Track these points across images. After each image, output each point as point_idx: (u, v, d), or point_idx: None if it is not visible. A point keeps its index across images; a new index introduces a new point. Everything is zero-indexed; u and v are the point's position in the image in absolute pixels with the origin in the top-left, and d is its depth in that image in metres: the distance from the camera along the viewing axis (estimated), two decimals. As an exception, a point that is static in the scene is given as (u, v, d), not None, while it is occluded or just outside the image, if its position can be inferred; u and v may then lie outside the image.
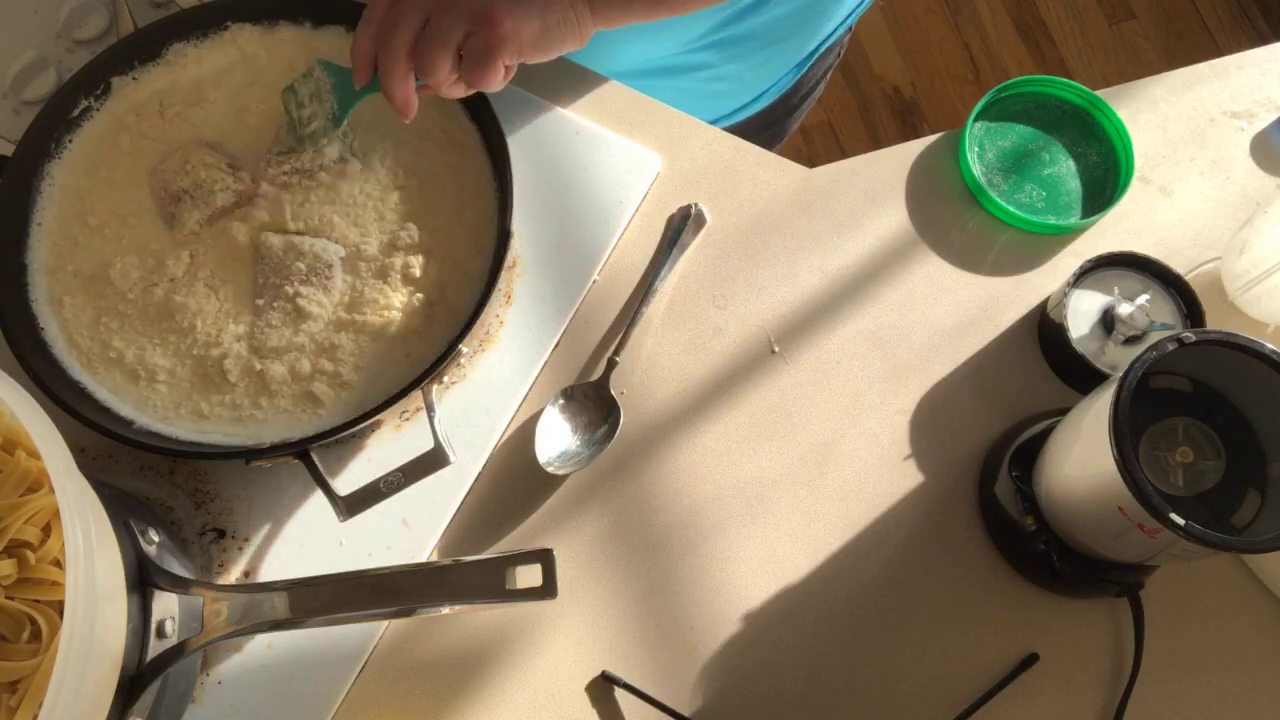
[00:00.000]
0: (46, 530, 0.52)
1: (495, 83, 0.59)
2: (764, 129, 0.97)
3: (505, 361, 0.69)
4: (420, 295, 0.66)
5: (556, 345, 0.70)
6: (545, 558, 0.52)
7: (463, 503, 0.66)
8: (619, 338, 0.69)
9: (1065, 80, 0.74)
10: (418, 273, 0.66)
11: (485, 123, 0.69)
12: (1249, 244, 0.65)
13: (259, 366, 0.64)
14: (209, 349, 0.65)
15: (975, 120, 0.74)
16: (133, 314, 0.66)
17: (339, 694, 0.62)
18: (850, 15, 0.87)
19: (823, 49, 0.89)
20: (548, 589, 0.52)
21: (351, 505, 0.59)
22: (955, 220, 0.73)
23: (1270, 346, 0.51)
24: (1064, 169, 0.74)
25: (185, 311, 0.65)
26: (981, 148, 0.74)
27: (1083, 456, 0.54)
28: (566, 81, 0.76)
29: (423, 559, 0.65)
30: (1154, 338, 0.62)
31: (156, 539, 0.57)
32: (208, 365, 0.64)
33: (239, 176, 0.68)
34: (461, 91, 0.60)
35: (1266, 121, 0.75)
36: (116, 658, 0.48)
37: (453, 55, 0.57)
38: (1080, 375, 0.67)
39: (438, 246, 0.68)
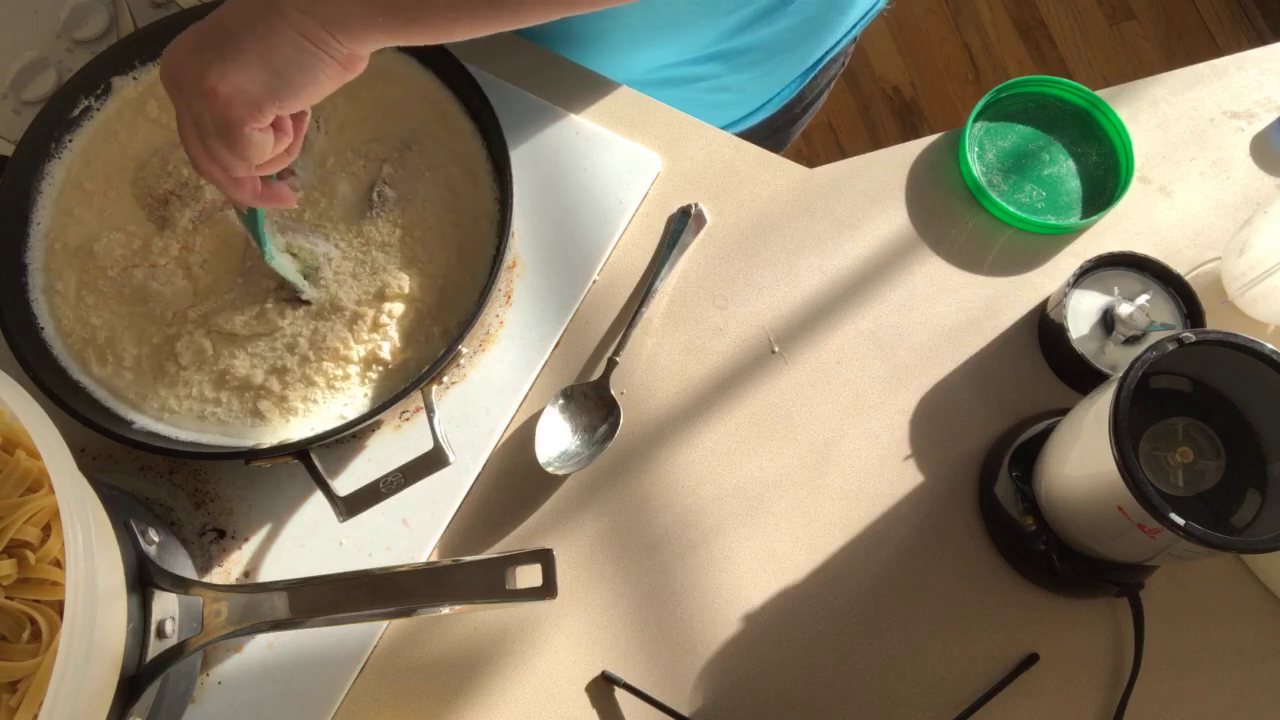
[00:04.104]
0: (46, 530, 0.52)
1: (261, 151, 0.51)
2: (766, 138, 0.97)
3: (505, 361, 0.69)
4: (385, 345, 0.65)
5: (556, 345, 0.70)
6: (545, 558, 0.52)
7: (463, 503, 0.66)
8: (619, 338, 0.69)
9: (1065, 80, 0.74)
10: (390, 320, 0.66)
11: (485, 123, 0.69)
12: (1249, 244, 0.65)
13: (210, 355, 0.64)
14: (168, 330, 0.65)
15: (975, 120, 0.74)
16: (109, 291, 0.66)
17: (339, 694, 0.62)
18: (855, 26, 0.86)
19: (826, 60, 0.88)
20: (548, 589, 0.52)
21: (351, 505, 0.59)
22: (955, 220, 0.73)
23: (1270, 346, 0.51)
24: (1064, 169, 0.74)
25: (159, 299, 0.65)
26: (981, 148, 0.74)
27: (1083, 456, 0.54)
28: (567, 82, 0.76)
29: (423, 559, 0.65)
30: (1154, 338, 0.62)
31: (156, 539, 0.57)
32: (163, 354, 0.65)
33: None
34: (270, 167, 0.54)
35: (1266, 121, 0.75)
36: (116, 658, 0.48)
37: (219, 143, 0.51)
38: (1080, 375, 0.67)
39: (437, 247, 0.68)
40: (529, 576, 0.52)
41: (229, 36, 0.49)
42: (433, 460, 0.59)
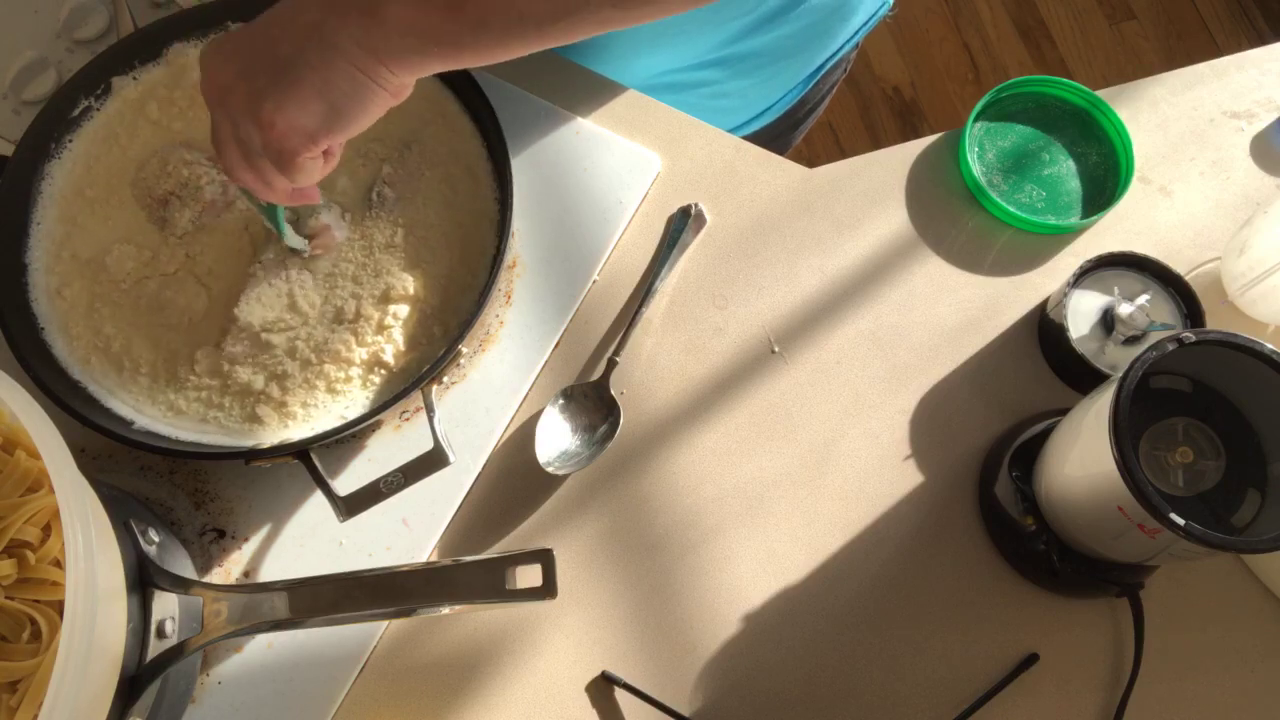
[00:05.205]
0: (46, 530, 0.52)
1: (313, 175, 0.54)
2: (767, 143, 0.96)
3: (505, 361, 0.69)
4: (387, 348, 0.65)
5: (556, 345, 0.70)
6: (545, 558, 0.52)
7: (463, 503, 0.66)
8: (619, 338, 0.69)
9: (1065, 80, 0.74)
10: (395, 322, 0.66)
11: (485, 123, 0.69)
12: (1249, 244, 0.65)
13: (226, 368, 0.64)
14: (186, 337, 0.65)
15: (975, 120, 0.74)
16: (124, 303, 0.66)
17: (339, 694, 0.62)
18: (857, 33, 0.86)
19: (828, 65, 0.88)
20: (548, 589, 0.52)
21: (351, 505, 0.59)
22: (955, 220, 0.73)
23: (1270, 346, 0.51)
24: (1064, 169, 0.74)
25: (174, 307, 0.65)
26: (981, 148, 0.74)
27: (1083, 456, 0.54)
28: (567, 82, 0.76)
29: (423, 559, 0.65)
30: (1154, 338, 0.62)
31: (156, 539, 0.57)
32: (179, 360, 0.65)
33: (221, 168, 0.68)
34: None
35: (1266, 121, 0.75)
36: (116, 658, 0.48)
37: (266, 163, 0.53)
38: (1080, 375, 0.67)
39: (440, 246, 0.68)
40: (529, 576, 0.52)
41: (282, 65, 0.49)
42: (433, 460, 0.59)
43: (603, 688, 0.63)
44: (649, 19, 0.51)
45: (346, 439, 0.67)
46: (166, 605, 0.53)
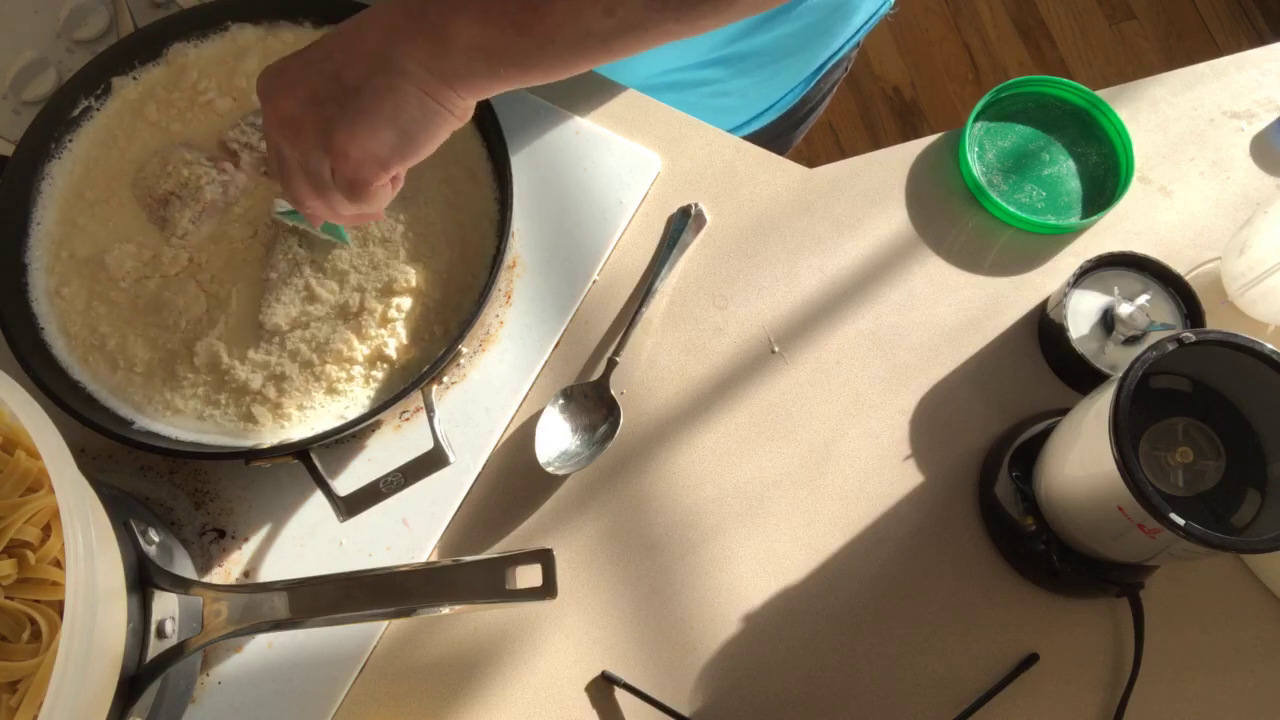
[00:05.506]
0: (46, 530, 0.52)
1: (383, 201, 0.55)
2: (768, 143, 0.96)
3: (505, 361, 0.69)
4: (389, 343, 0.65)
5: (556, 345, 0.70)
6: (545, 558, 0.52)
7: (463, 503, 0.66)
8: (619, 338, 0.69)
9: (1065, 80, 0.75)
10: (399, 315, 0.66)
11: (485, 123, 0.69)
12: (1249, 244, 0.65)
13: (226, 363, 0.64)
14: (184, 336, 0.65)
15: (975, 120, 0.74)
16: (122, 301, 0.66)
17: (339, 694, 0.62)
18: (858, 32, 0.86)
19: (829, 65, 0.88)
20: (548, 589, 0.52)
21: (351, 505, 0.59)
22: (955, 220, 0.73)
23: (1270, 346, 0.51)
24: (1064, 169, 0.74)
25: (172, 308, 0.65)
26: (981, 148, 0.74)
27: (1083, 456, 0.54)
28: (567, 82, 0.76)
29: (423, 559, 0.65)
30: (1154, 338, 0.62)
31: (156, 539, 0.57)
32: (176, 359, 0.65)
33: (222, 168, 0.68)
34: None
35: (1266, 121, 0.75)
36: (116, 658, 0.49)
37: (336, 189, 0.53)
38: (1080, 375, 0.67)
39: (440, 243, 0.68)
40: (529, 576, 0.52)
41: (349, 92, 0.49)
42: (433, 460, 0.59)
43: (603, 688, 0.63)
44: (710, 29, 0.51)
45: (346, 439, 0.67)
46: (166, 605, 0.53)
